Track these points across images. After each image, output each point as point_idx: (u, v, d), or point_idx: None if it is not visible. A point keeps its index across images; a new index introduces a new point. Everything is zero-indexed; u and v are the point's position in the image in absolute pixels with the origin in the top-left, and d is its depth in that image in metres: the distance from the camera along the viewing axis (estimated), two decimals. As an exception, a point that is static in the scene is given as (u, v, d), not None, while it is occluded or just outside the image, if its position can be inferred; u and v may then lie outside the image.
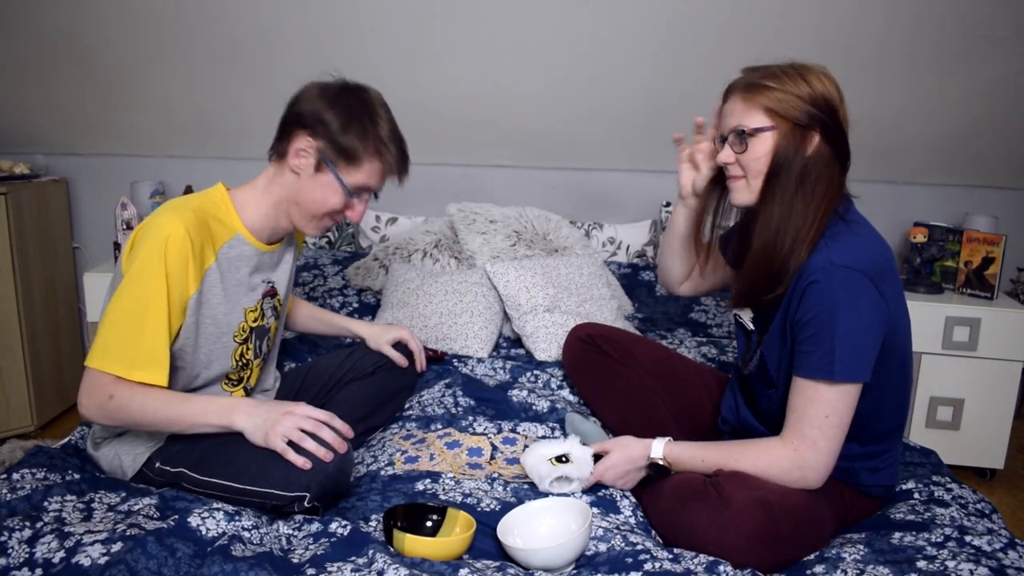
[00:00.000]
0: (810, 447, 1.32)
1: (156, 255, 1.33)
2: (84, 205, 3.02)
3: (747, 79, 1.37)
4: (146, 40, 2.48)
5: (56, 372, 2.85)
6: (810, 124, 1.33)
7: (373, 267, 2.57)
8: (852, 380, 1.29)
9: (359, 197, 1.49)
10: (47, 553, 1.14)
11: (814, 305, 1.30)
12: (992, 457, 2.49)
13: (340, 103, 1.42)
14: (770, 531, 1.27)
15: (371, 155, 1.44)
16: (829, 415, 1.30)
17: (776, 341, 1.40)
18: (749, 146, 1.36)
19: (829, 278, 1.29)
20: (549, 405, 1.85)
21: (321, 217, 1.48)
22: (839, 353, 1.27)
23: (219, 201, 1.48)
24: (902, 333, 1.38)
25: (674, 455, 1.44)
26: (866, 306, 1.28)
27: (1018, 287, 2.77)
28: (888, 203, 2.86)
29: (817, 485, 1.34)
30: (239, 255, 1.49)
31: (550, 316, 2.22)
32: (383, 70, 2.52)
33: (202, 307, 1.43)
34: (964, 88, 2.45)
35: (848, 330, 1.27)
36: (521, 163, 2.91)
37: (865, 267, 1.29)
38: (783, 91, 1.33)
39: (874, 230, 1.40)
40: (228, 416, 1.34)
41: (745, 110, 1.36)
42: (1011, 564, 1.23)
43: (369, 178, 1.46)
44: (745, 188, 1.39)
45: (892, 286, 1.34)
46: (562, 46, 2.44)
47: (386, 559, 1.16)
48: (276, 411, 1.34)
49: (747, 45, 2.36)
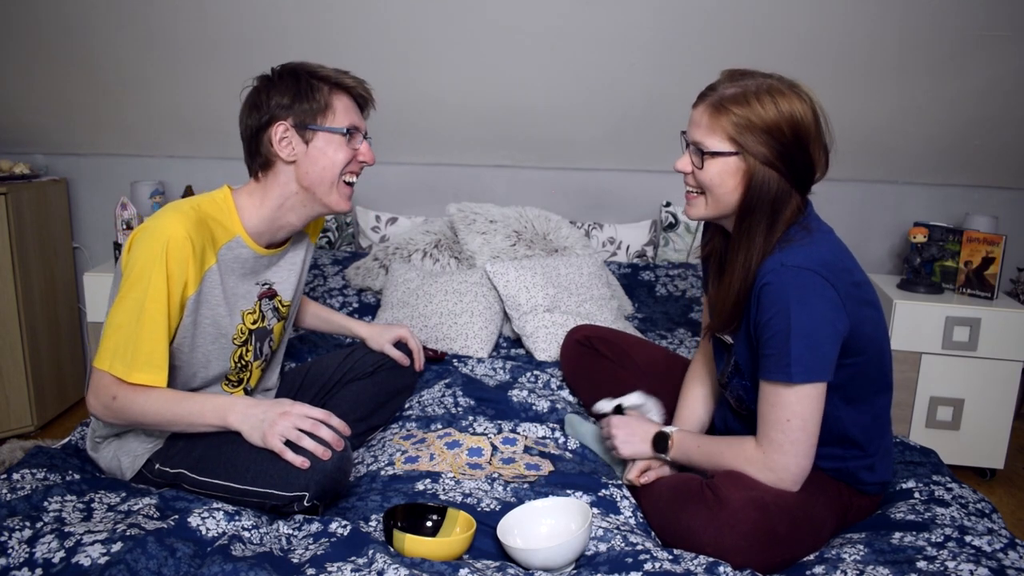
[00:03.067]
0: (776, 450, 1.32)
1: (157, 257, 1.33)
2: (84, 205, 3.02)
3: (719, 94, 1.33)
4: (146, 40, 2.48)
5: (56, 372, 2.85)
6: (771, 162, 1.30)
7: (373, 267, 2.57)
8: (810, 381, 1.28)
9: (355, 139, 1.49)
10: (47, 553, 1.14)
11: (768, 306, 1.30)
12: (992, 457, 2.49)
13: (276, 84, 1.45)
14: (767, 531, 1.27)
15: (335, 95, 1.46)
16: (791, 419, 1.30)
17: (744, 347, 1.41)
18: (706, 166, 1.34)
19: (780, 278, 1.29)
20: (549, 405, 1.85)
21: (339, 182, 1.49)
22: (795, 354, 1.27)
23: (221, 203, 1.48)
24: (870, 329, 1.36)
25: (678, 436, 1.49)
26: (819, 303, 1.27)
27: (1018, 287, 2.77)
28: (888, 203, 2.86)
29: (794, 486, 1.33)
30: (236, 257, 1.49)
31: (550, 316, 2.22)
32: (384, 70, 2.52)
33: (201, 307, 1.43)
34: (963, 88, 2.45)
35: (802, 328, 1.27)
36: (521, 163, 2.91)
37: (815, 265, 1.28)
38: (749, 118, 1.29)
39: (832, 234, 1.39)
40: (223, 416, 1.35)
41: (709, 129, 1.33)
42: (1011, 564, 1.23)
43: (348, 115, 1.48)
44: (701, 204, 1.39)
45: (848, 284, 1.32)
46: (562, 46, 2.44)
47: (386, 559, 1.16)
48: (272, 411, 1.34)
49: (747, 46, 2.37)
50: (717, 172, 1.34)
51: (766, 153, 1.30)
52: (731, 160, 1.32)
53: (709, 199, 1.37)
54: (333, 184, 1.48)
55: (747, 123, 1.29)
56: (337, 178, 1.48)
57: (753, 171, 1.31)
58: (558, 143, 2.81)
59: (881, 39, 2.33)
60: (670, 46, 2.41)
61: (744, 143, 1.30)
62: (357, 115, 1.50)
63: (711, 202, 1.37)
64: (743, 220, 1.35)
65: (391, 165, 2.93)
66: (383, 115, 2.67)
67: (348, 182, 1.51)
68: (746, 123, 1.29)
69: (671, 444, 1.49)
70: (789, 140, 1.30)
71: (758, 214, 1.33)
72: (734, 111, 1.30)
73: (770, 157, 1.30)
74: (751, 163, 1.31)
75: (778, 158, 1.30)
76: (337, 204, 1.51)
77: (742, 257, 1.35)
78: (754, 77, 1.33)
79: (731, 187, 1.34)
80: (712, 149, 1.33)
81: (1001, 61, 2.34)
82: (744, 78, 1.33)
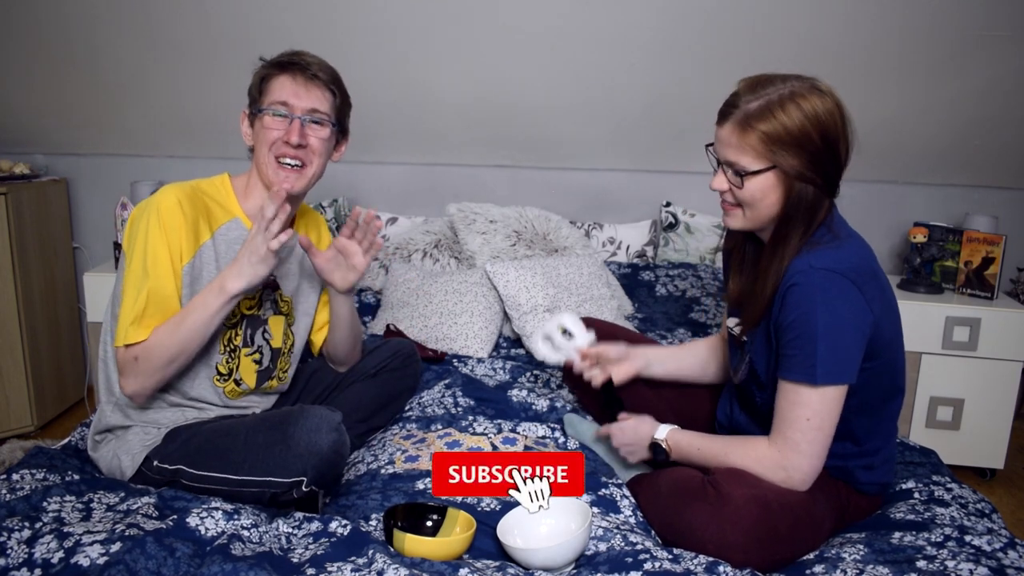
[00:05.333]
0: (792, 449, 1.32)
1: (152, 222, 1.42)
2: (84, 205, 3.03)
3: (743, 111, 1.31)
4: (146, 40, 2.48)
5: (56, 372, 2.85)
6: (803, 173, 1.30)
7: (373, 267, 2.57)
8: (834, 383, 1.29)
9: (283, 116, 1.49)
10: (46, 553, 1.14)
11: (795, 307, 1.30)
12: (992, 457, 2.49)
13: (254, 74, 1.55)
14: (769, 529, 1.27)
15: (272, 77, 1.51)
16: (811, 418, 1.30)
17: (762, 346, 1.41)
18: (745, 185, 1.33)
19: (808, 280, 1.29)
20: (549, 405, 1.85)
21: (271, 162, 1.50)
22: (820, 356, 1.27)
23: (219, 185, 1.55)
24: (889, 334, 1.37)
25: (674, 439, 1.48)
26: (846, 307, 1.28)
27: (1018, 287, 2.77)
28: (888, 203, 2.85)
29: (803, 486, 1.33)
30: (236, 238, 1.52)
31: (550, 316, 2.22)
32: (384, 70, 2.52)
33: (196, 283, 1.47)
34: (963, 88, 2.45)
35: (829, 331, 1.27)
36: (521, 163, 2.91)
37: (844, 269, 1.29)
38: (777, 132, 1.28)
39: (858, 237, 1.40)
40: (224, 291, 1.41)
41: (739, 149, 1.32)
42: (1011, 564, 1.23)
43: (280, 91, 1.49)
44: (739, 216, 1.39)
45: (875, 288, 1.33)
46: (562, 46, 2.44)
47: (386, 559, 1.16)
48: (245, 254, 1.40)
49: (747, 46, 2.37)
50: (758, 189, 1.33)
51: (797, 164, 1.30)
52: (768, 176, 1.32)
53: (748, 212, 1.37)
54: (266, 163, 1.51)
55: (776, 137, 1.29)
56: (268, 156, 1.50)
57: (790, 184, 1.32)
58: (558, 143, 2.81)
59: (881, 39, 2.33)
60: (670, 46, 2.41)
61: (776, 158, 1.30)
62: (293, 94, 1.49)
63: (750, 215, 1.37)
64: (781, 228, 1.35)
65: (391, 165, 2.93)
66: (384, 115, 2.69)
67: (283, 161, 1.50)
68: (775, 138, 1.29)
69: (668, 449, 1.48)
70: (819, 146, 1.29)
71: (795, 221, 1.34)
72: (760, 128, 1.29)
73: (802, 168, 1.30)
74: (786, 176, 1.31)
75: (809, 167, 1.30)
76: (273, 182, 1.51)
77: (776, 262, 1.35)
78: (773, 84, 1.31)
79: (772, 201, 1.34)
80: (749, 169, 1.32)
81: (1001, 61, 2.34)
82: (764, 87, 1.31)
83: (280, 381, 1.65)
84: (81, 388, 3.01)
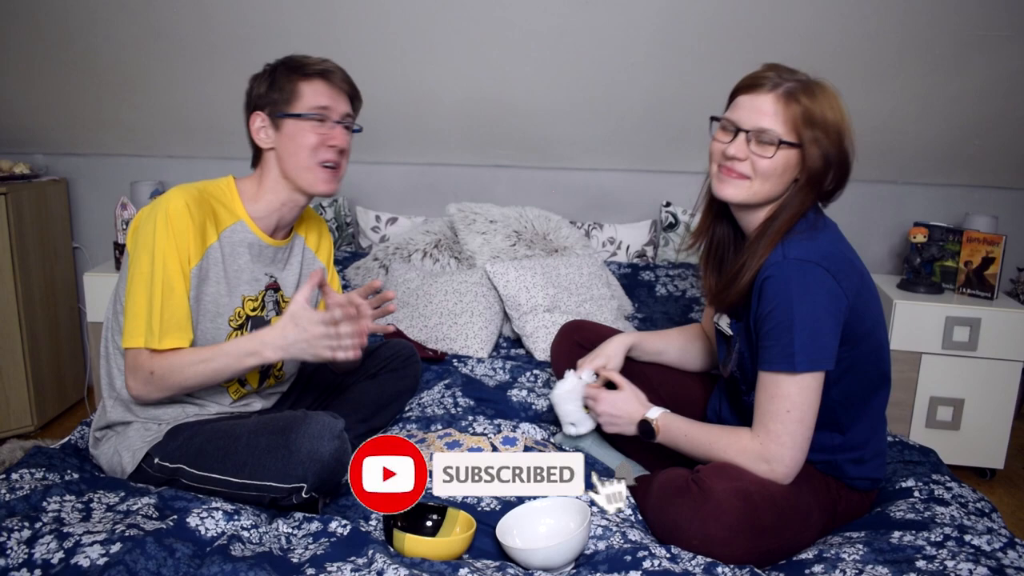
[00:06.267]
0: (774, 441, 1.32)
1: (160, 225, 1.41)
2: (84, 205, 3.02)
3: (787, 85, 1.32)
4: (146, 40, 2.48)
5: (56, 372, 2.85)
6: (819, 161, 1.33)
7: (373, 267, 2.57)
8: (813, 369, 1.30)
9: (325, 122, 1.50)
10: (46, 554, 1.14)
11: (771, 298, 1.31)
12: (992, 457, 2.49)
13: (260, 76, 1.54)
14: (752, 521, 1.27)
15: (305, 81, 1.49)
16: (791, 410, 1.31)
17: (745, 339, 1.42)
18: (776, 155, 1.33)
19: (782, 271, 1.30)
20: (549, 404, 1.85)
21: (312, 166, 1.50)
22: (798, 343, 1.28)
23: (225, 188, 1.55)
24: (869, 323, 1.37)
25: (664, 423, 1.47)
26: (822, 295, 1.29)
27: (1018, 287, 2.77)
28: (888, 203, 2.86)
29: (786, 479, 1.33)
30: (241, 241, 1.53)
31: (550, 316, 2.22)
32: (384, 70, 2.52)
33: (202, 284, 1.47)
34: (963, 88, 2.45)
35: (805, 319, 1.28)
36: (521, 163, 2.91)
37: (818, 258, 1.30)
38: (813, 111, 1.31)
39: (834, 227, 1.41)
40: (260, 358, 1.40)
41: (779, 118, 1.32)
42: (1011, 564, 1.23)
43: (316, 96, 1.49)
44: (744, 187, 1.37)
45: (852, 276, 1.34)
46: (562, 46, 2.44)
47: (386, 559, 1.16)
48: (300, 337, 1.37)
49: (747, 46, 2.37)
50: (782, 162, 1.33)
51: (817, 154, 1.32)
52: (794, 153, 1.33)
53: (756, 185, 1.36)
54: (307, 168, 1.51)
55: (811, 117, 1.31)
56: (309, 161, 1.50)
57: (801, 170, 1.34)
58: (558, 143, 2.81)
59: (881, 39, 2.33)
60: (670, 46, 2.41)
61: (804, 137, 1.32)
62: (330, 99, 1.51)
63: (758, 188, 1.36)
64: (776, 214, 1.37)
65: (391, 165, 2.93)
66: (384, 115, 2.68)
67: (325, 165, 1.52)
68: (813, 118, 1.31)
69: (657, 429, 1.48)
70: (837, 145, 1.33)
71: (790, 208, 1.35)
72: (804, 103, 1.31)
73: (818, 159, 1.33)
74: (802, 161, 1.33)
75: (824, 157, 1.33)
76: (312, 186, 1.52)
77: (761, 249, 1.36)
78: (796, 74, 1.35)
79: (787, 179, 1.36)
80: (786, 139, 1.32)
81: (1001, 61, 2.34)
82: (792, 73, 1.35)
83: (277, 379, 1.66)
84: (81, 388, 3.01)
